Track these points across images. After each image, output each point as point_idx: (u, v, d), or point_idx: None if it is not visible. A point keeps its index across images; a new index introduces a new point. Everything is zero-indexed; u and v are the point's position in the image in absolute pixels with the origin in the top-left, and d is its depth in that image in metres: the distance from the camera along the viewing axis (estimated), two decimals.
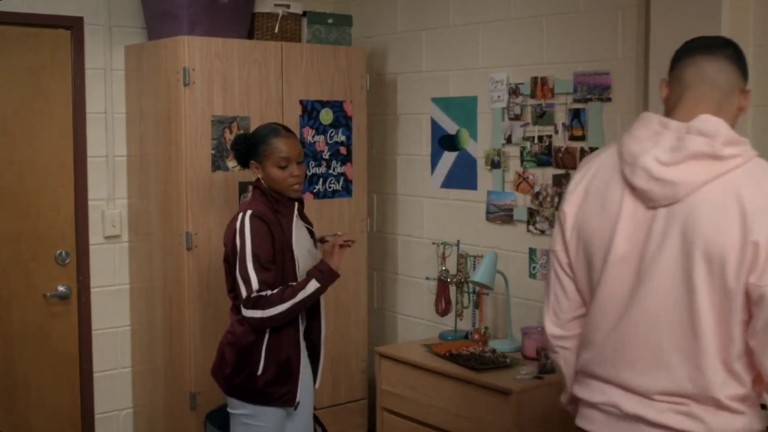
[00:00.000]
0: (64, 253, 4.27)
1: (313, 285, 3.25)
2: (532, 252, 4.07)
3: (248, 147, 3.35)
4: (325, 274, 3.30)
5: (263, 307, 3.18)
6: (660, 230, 2.07)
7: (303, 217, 3.50)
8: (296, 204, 3.40)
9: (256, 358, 3.27)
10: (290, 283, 3.27)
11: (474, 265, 4.13)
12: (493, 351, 3.89)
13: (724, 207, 2.00)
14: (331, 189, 4.42)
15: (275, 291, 3.21)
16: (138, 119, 4.30)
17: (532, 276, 4.07)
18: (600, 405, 2.18)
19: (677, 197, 2.04)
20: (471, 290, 4.18)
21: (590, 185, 2.24)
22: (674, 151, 2.06)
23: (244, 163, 3.40)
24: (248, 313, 3.20)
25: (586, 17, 3.84)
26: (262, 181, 3.35)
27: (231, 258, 3.28)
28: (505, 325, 4.14)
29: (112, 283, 4.41)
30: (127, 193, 4.41)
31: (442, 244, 4.29)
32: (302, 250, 3.37)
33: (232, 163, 4.06)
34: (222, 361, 3.36)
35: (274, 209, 3.30)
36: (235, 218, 3.30)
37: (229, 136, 4.05)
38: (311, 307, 3.42)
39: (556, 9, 3.95)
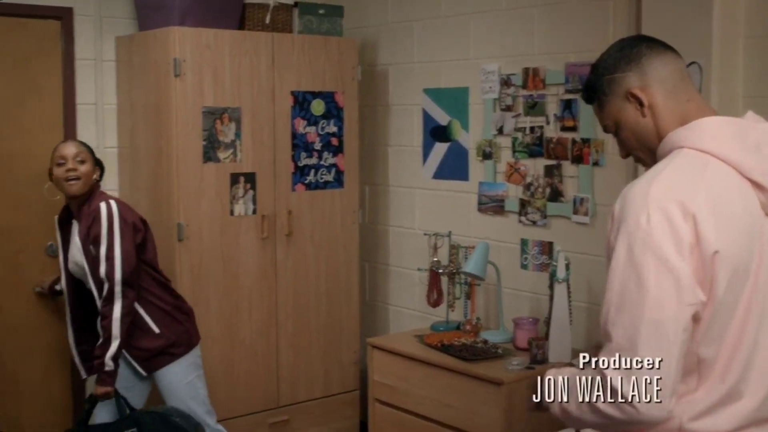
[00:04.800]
0: (54, 246, 4.25)
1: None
2: (523, 243, 4.07)
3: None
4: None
5: None
6: None
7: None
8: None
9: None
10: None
11: (465, 255, 4.13)
12: (485, 342, 3.89)
13: None
14: (322, 180, 4.42)
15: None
16: (128, 110, 4.29)
17: (524, 267, 4.07)
18: None
19: None
20: (462, 281, 4.18)
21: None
22: None
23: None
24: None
25: (577, 8, 3.83)
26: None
27: None
28: (496, 316, 4.14)
29: None
30: (118, 185, 4.39)
31: (433, 235, 4.28)
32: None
33: (223, 154, 4.05)
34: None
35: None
36: None
37: (221, 127, 4.04)
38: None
39: None
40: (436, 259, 4.24)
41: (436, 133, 4.51)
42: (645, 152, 1.96)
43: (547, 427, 3.48)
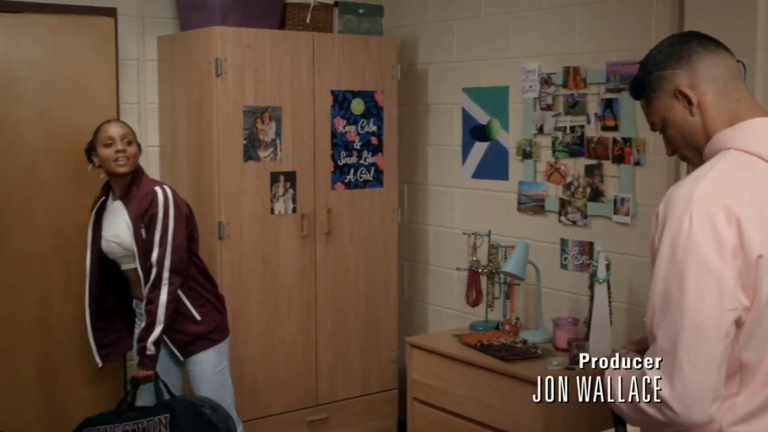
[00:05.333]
0: None
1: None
2: (563, 242, 4.05)
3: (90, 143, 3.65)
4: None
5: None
6: None
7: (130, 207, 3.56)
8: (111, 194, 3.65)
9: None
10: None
11: (505, 255, 4.12)
12: (524, 342, 3.88)
13: None
14: (362, 179, 4.43)
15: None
16: (170, 110, 4.33)
17: (564, 267, 4.05)
18: None
19: None
20: (502, 281, 4.17)
21: None
22: None
23: (90, 159, 3.66)
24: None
25: (618, 6, 3.81)
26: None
27: None
28: (536, 316, 4.13)
29: None
30: None
31: (473, 234, 4.28)
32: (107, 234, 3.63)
33: (263, 153, 4.08)
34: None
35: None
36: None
37: (261, 126, 4.07)
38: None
39: None
40: (475, 258, 4.23)
41: (476, 132, 4.50)
42: (692, 151, 1.93)
43: (587, 428, 3.47)
